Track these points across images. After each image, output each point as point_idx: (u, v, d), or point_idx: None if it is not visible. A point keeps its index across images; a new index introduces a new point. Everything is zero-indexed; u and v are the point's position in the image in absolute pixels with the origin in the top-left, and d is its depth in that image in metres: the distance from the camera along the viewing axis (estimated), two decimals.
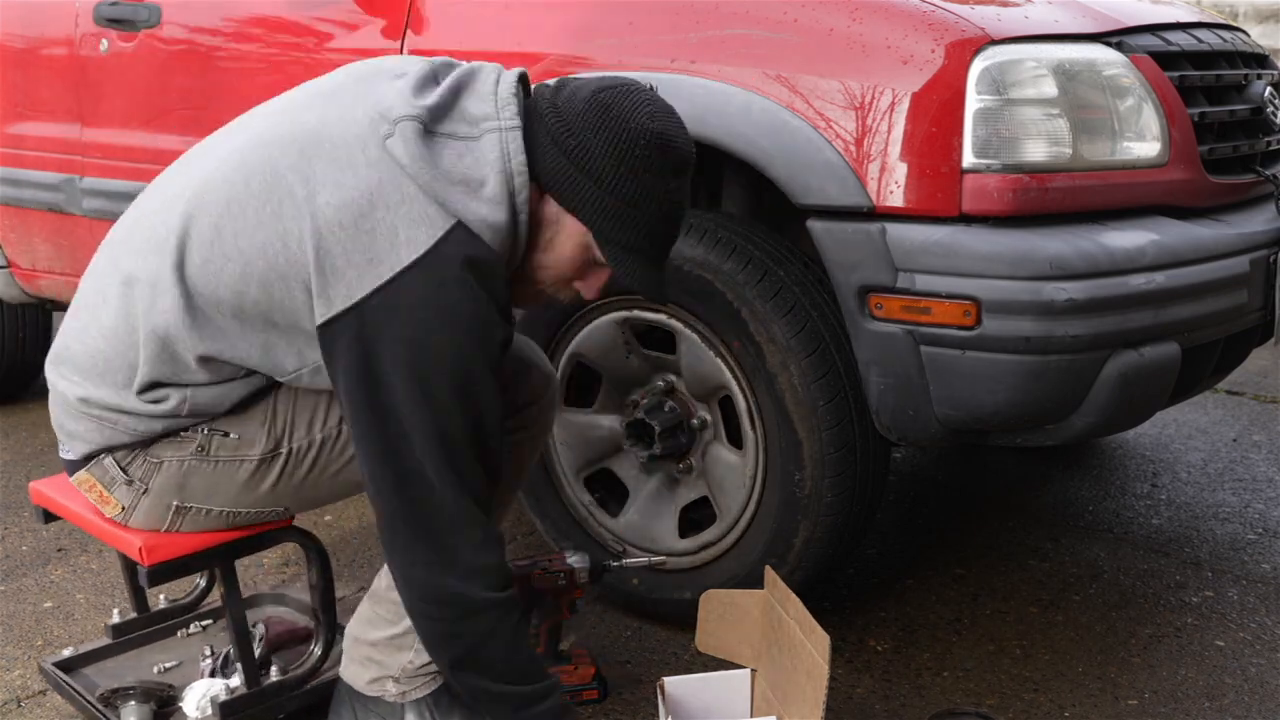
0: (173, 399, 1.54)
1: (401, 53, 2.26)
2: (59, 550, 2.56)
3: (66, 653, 1.89)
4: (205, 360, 1.52)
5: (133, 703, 1.74)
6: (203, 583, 2.02)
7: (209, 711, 1.74)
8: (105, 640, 1.93)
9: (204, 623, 2.02)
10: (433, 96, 1.48)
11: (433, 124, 1.46)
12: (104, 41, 2.79)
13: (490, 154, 1.46)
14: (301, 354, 1.52)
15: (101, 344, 1.56)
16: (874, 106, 1.79)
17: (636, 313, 2.10)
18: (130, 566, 1.92)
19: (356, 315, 1.42)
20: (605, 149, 1.47)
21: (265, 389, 1.59)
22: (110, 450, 1.59)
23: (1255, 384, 3.60)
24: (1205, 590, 2.33)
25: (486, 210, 1.44)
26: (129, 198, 2.93)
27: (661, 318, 2.07)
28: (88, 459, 1.62)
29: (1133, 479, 2.90)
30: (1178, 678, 2.02)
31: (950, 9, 1.85)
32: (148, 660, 1.91)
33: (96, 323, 1.56)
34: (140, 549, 1.62)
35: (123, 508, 1.63)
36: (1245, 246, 1.95)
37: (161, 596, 2.02)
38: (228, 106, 2.57)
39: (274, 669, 1.83)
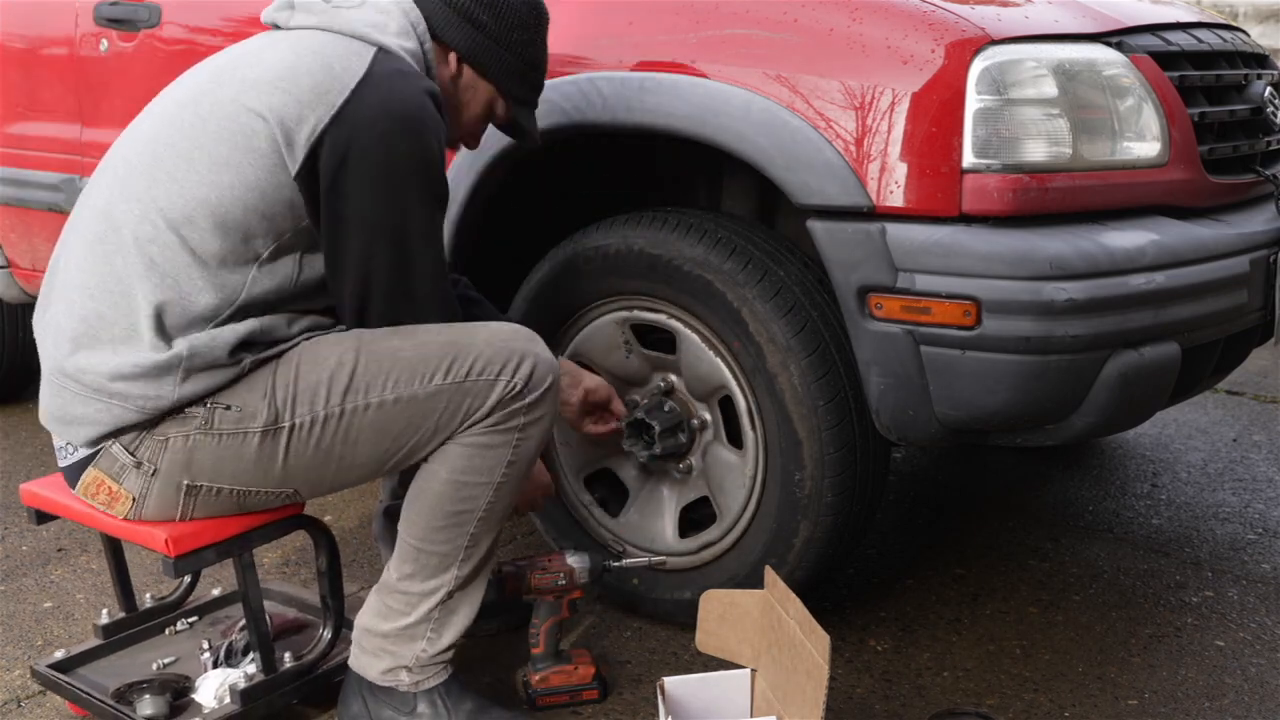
0: (177, 345, 1.58)
1: None
2: (59, 550, 2.56)
3: (59, 655, 1.88)
4: (202, 265, 1.59)
5: (148, 696, 1.74)
6: (188, 579, 2.02)
7: (227, 699, 1.75)
8: (96, 641, 1.92)
9: (190, 619, 2.02)
10: None
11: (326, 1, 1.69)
12: (104, 41, 2.79)
13: (385, 3, 1.70)
14: (279, 232, 1.62)
15: (93, 305, 1.60)
16: (874, 106, 1.79)
17: (637, 313, 2.10)
18: (120, 566, 1.93)
19: (321, 147, 1.58)
20: (512, 22, 1.78)
21: (266, 362, 1.62)
22: (117, 434, 1.60)
23: (1255, 384, 3.61)
24: (1205, 590, 2.33)
25: (398, 41, 1.68)
26: None
27: (661, 318, 2.07)
28: (90, 459, 1.63)
29: (1133, 479, 2.90)
30: (1178, 678, 2.02)
31: (950, 9, 1.85)
32: (142, 659, 1.91)
33: (83, 291, 1.62)
34: (166, 540, 1.63)
35: (134, 499, 1.63)
36: (1245, 246, 1.95)
37: (148, 596, 2.01)
38: None
39: (288, 656, 1.83)
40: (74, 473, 1.67)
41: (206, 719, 1.74)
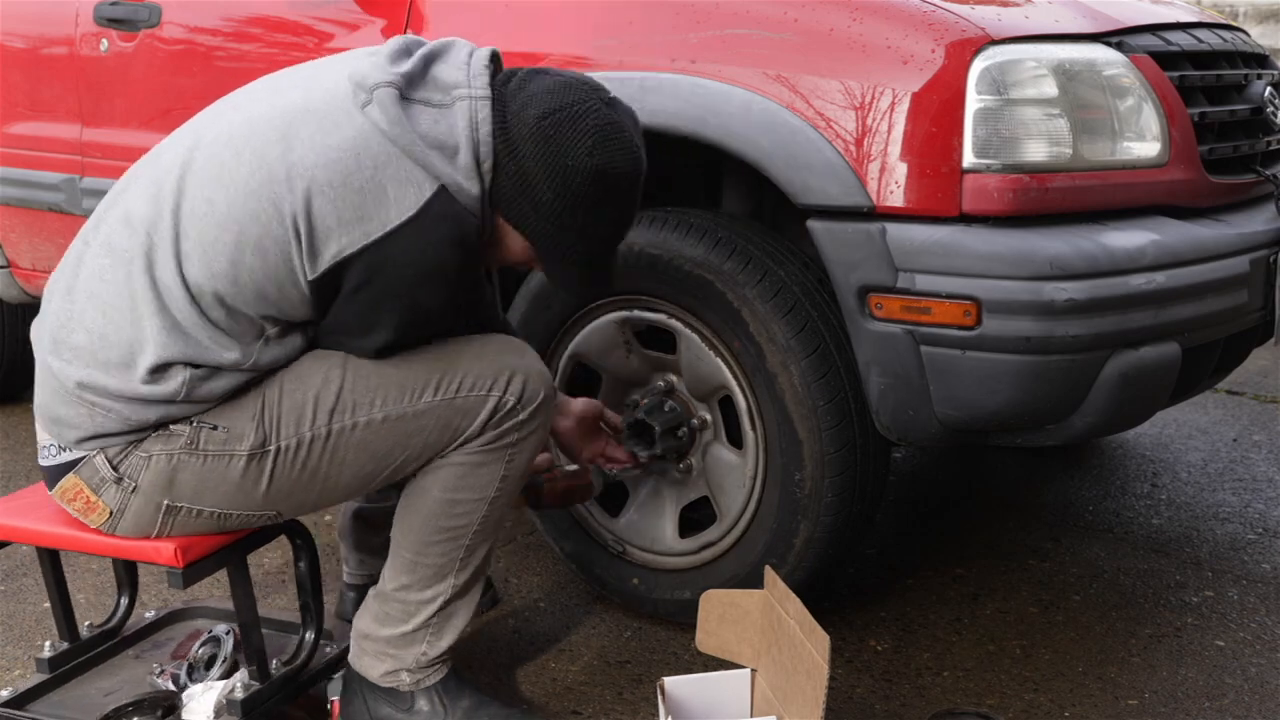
0: (175, 380, 1.53)
1: None
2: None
3: (5, 694, 1.80)
4: (213, 328, 1.53)
5: (137, 719, 1.70)
6: (125, 602, 1.96)
7: (225, 713, 1.72)
8: (41, 676, 1.84)
9: (136, 646, 1.97)
10: (406, 65, 1.55)
11: (408, 90, 1.53)
12: (104, 41, 2.79)
13: (460, 122, 1.53)
14: (288, 318, 1.57)
15: (101, 322, 1.54)
16: (874, 106, 1.79)
17: (637, 313, 2.10)
18: (63, 594, 1.86)
19: (346, 269, 1.50)
20: (545, 182, 1.54)
21: (257, 379, 1.59)
22: (101, 440, 1.57)
23: (1255, 384, 3.60)
24: (1205, 590, 2.33)
25: (462, 180, 1.52)
26: None
27: (661, 317, 2.07)
28: (73, 463, 1.59)
29: (1133, 479, 2.90)
30: (1178, 678, 2.02)
31: (950, 9, 1.85)
32: (92, 689, 1.84)
33: (95, 302, 1.55)
34: (176, 551, 1.61)
35: (110, 512, 1.60)
36: (1245, 246, 1.95)
37: (85, 624, 1.93)
38: None
39: (275, 662, 1.81)
40: (54, 475, 1.63)
41: None
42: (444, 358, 1.63)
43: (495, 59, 1.61)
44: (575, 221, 1.57)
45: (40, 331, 1.63)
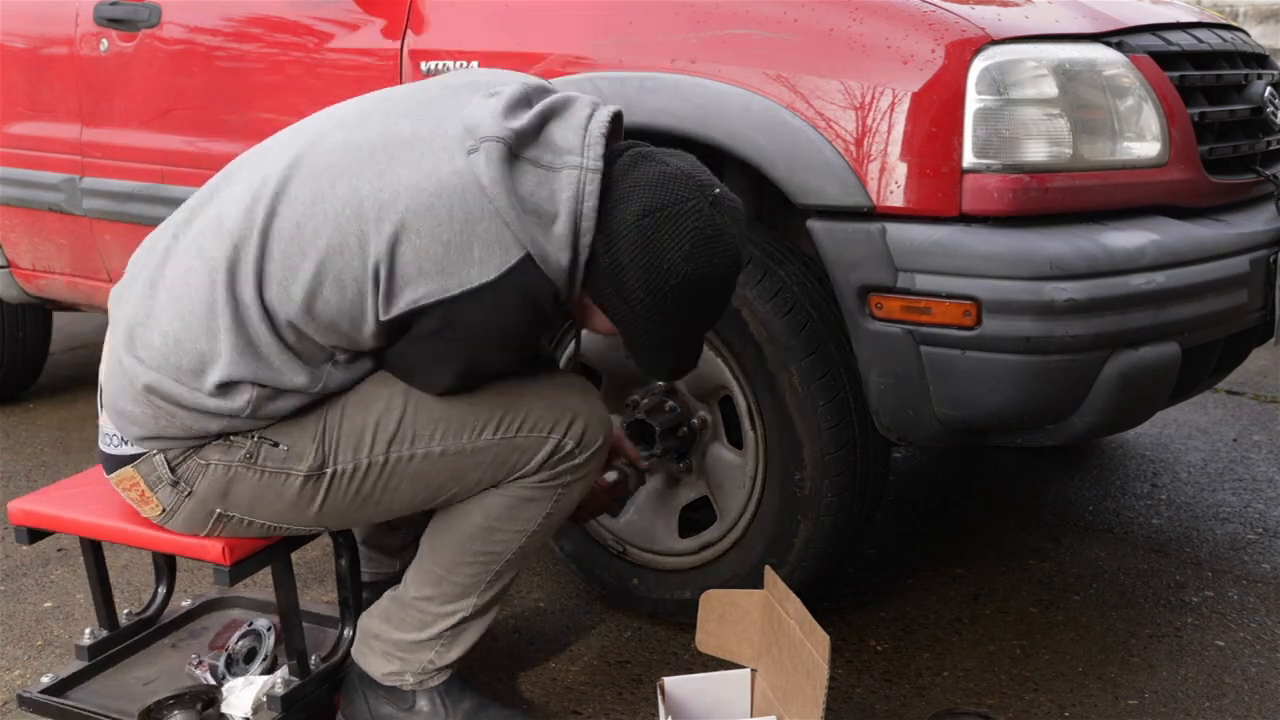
0: (241, 397, 1.52)
1: (401, 53, 2.26)
2: (59, 550, 2.56)
3: (46, 680, 1.81)
4: (286, 350, 1.52)
5: (179, 713, 1.70)
6: (164, 591, 1.97)
7: (265, 708, 1.72)
8: (81, 663, 1.84)
9: (172, 635, 1.98)
10: (521, 120, 1.50)
11: (518, 147, 1.48)
12: (104, 41, 2.79)
13: (565, 191, 1.48)
14: (357, 348, 1.57)
15: (179, 327, 1.53)
16: (874, 106, 1.79)
17: None
18: (103, 582, 1.85)
19: (419, 317, 1.48)
20: (638, 279, 1.51)
21: (320, 401, 1.59)
22: (162, 442, 1.57)
23: (1255, 384, 3.60)
24: (1205, 590, 2.33)
25: (553, 249, 1.48)
26: (130, 198, 2.93)
27: None
28: (133, 457, 1.59)
29: (1133, 479, 2.90)
30: (1178, 678, 2.02)
31: (950, 9, 1.85)
32: (131, 677, 1.85)
33: (176, 304, 1.53)
34: (224, 549, 1.62)
35: (164, 509, 1.62)
36: (1245, 246, 1.95)
37: (124, 612, 1.94)
38: (228, 106, 2.58)
39: (315, 658, 1.82)
40: (115, 463, 1.63)
41: None
42: (507, 395, 1.63)
43: (617, 120, 1.58)
44: (666, 318, 1.56)
45: (123, 315, 1.59)
